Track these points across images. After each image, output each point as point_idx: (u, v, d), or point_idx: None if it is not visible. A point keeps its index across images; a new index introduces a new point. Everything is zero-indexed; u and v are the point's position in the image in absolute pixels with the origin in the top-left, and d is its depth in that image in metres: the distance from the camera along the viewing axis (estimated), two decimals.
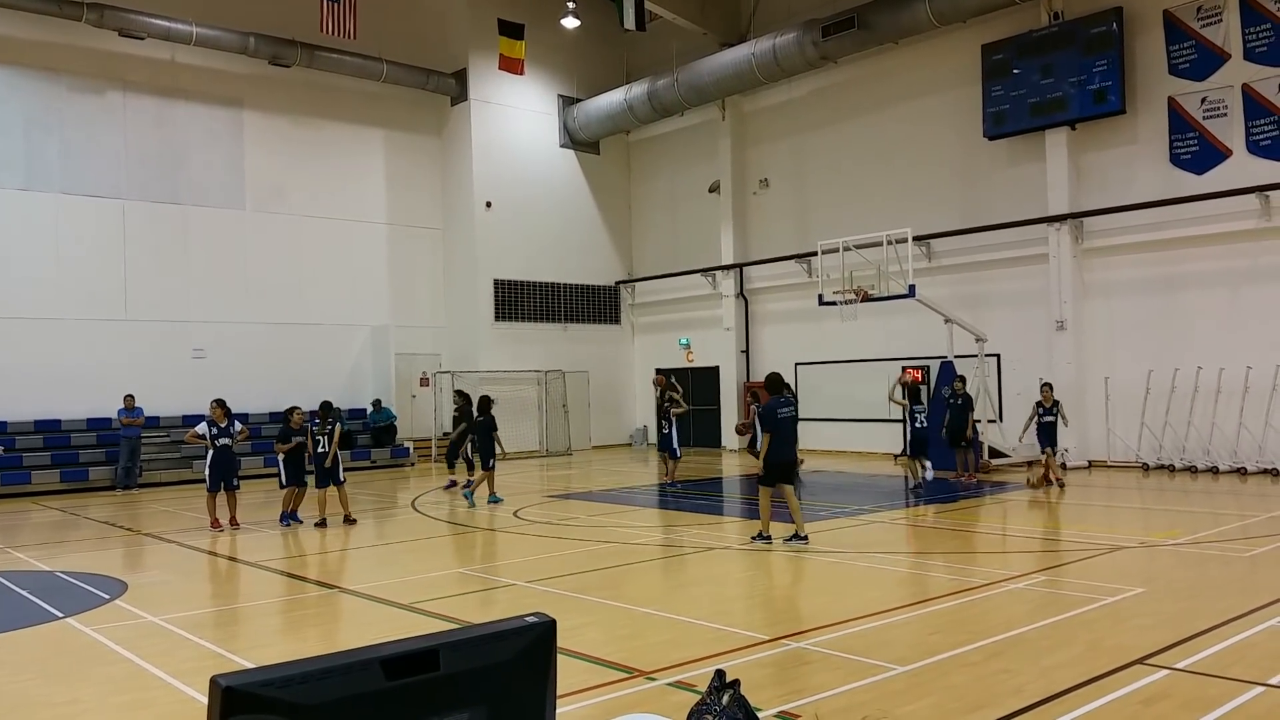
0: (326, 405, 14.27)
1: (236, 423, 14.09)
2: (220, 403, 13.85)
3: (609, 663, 6.52)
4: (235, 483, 13.79)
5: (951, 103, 21.68)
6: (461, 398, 18.50)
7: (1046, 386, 16.51)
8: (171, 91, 22.74)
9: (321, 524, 13.52)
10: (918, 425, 16.53)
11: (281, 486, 14.01)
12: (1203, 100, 18.00)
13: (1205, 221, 17.88)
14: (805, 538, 10.85)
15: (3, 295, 20.34)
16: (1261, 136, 17.34)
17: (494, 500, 15.75)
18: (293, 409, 14.04)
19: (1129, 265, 19.07)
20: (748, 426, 14.89)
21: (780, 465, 11.05)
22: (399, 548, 12.51)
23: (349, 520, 13.82)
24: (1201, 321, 18.05)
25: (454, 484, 17.91)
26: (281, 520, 13.88)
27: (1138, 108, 18.82)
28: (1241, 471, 17.20)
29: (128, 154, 22.12)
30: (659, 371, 22.34)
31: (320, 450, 13.70)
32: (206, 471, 13.75)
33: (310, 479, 13.87)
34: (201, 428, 13.71)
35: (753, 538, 11.13)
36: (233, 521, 13.72)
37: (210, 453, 13.64)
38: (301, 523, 13.80)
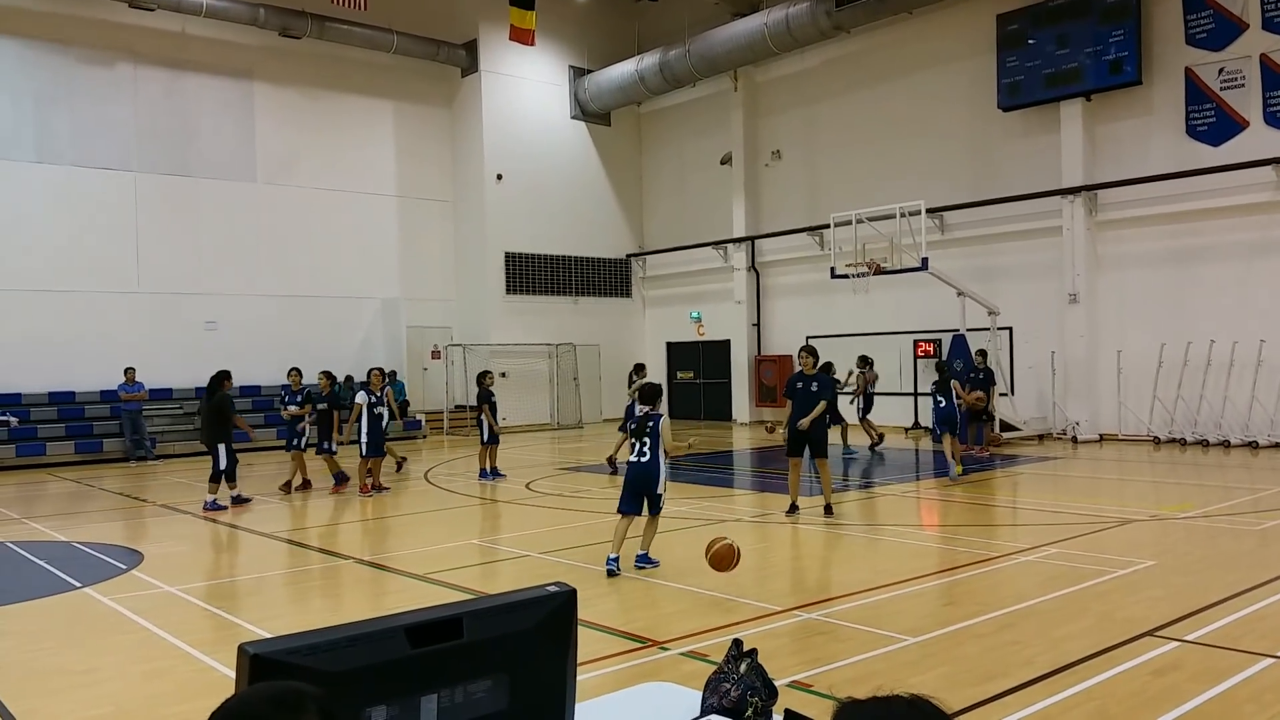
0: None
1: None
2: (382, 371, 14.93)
3: (623, 633, 6.57)
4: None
5: (966, 73, 21.47)
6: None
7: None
8: (182, 63, 22.68)
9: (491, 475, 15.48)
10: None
11: (483, 444, 15.65)
12: (1220, 70, 17.79)
13: (1221, 194, 17.72)
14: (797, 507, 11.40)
15: (15, 267, 20.43)
16: (1279, 108, 17.15)
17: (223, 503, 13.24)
18: (486, 372, 15.97)
19: (1143, 238, 18.94)
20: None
21: (793, 436, 11.38)
22: (412, 519, 12.60)
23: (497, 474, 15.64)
24: (1215, 294, 17.94)
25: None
26: (481, 476, 15.60)
27: (1154, 78, 18.61)
28: (1253, 445, 17.15)
29: (138, 126, 22.11)
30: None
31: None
32: (364, 438, 14.00)
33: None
34: (361, 396, 14.19)
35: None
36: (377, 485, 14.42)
37: (367, 419, 14.03)
38: (505, 476, 15.56)
